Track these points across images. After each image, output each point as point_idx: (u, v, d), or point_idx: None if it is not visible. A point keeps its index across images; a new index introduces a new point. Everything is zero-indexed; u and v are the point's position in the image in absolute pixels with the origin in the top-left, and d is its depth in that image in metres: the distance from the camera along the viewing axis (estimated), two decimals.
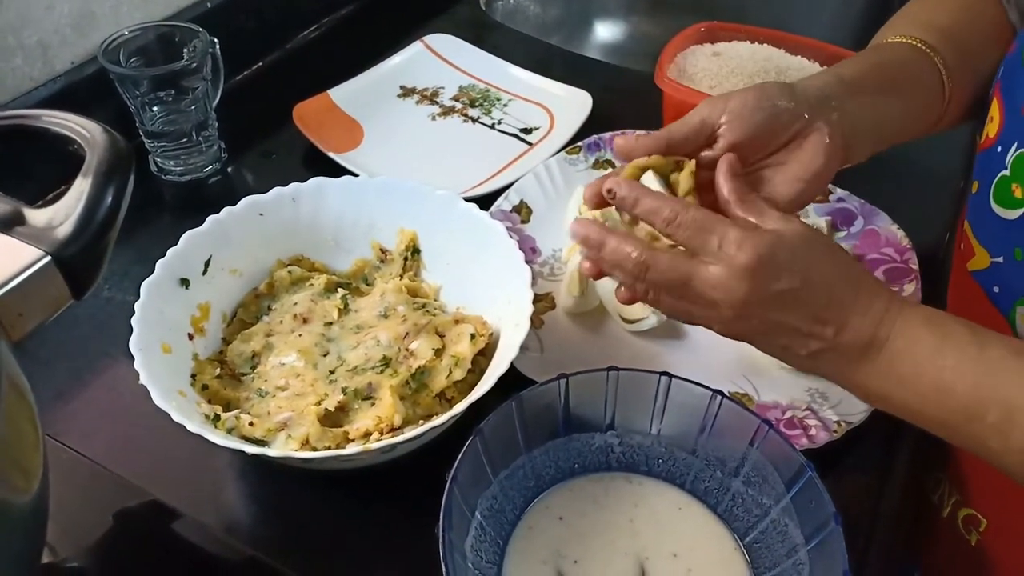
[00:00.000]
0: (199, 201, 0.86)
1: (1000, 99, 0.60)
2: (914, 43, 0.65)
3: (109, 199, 0.43)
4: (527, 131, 0.94)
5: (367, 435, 0.59)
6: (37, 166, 0.71)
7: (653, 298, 0.54)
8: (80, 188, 0.43)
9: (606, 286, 0.72)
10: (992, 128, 0.60)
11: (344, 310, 0.68)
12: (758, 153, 0.58)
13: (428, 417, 0.61)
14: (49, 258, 0.42)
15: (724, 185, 0.54)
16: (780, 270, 0.50)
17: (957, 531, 0.67)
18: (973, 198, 0.62)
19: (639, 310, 0.70)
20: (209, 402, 0.61)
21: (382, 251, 0.73)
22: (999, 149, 0.59)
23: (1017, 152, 0.56)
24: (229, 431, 0.59)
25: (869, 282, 0.52)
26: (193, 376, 0.62)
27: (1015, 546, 0.64)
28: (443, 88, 1.00)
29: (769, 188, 0.58)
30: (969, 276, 0.62)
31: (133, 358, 0.56)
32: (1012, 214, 0.57)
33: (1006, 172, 0.57)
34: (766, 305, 0.50)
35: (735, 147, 0.57)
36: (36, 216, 0.43)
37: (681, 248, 0.53)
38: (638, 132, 0.82)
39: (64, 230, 0.42)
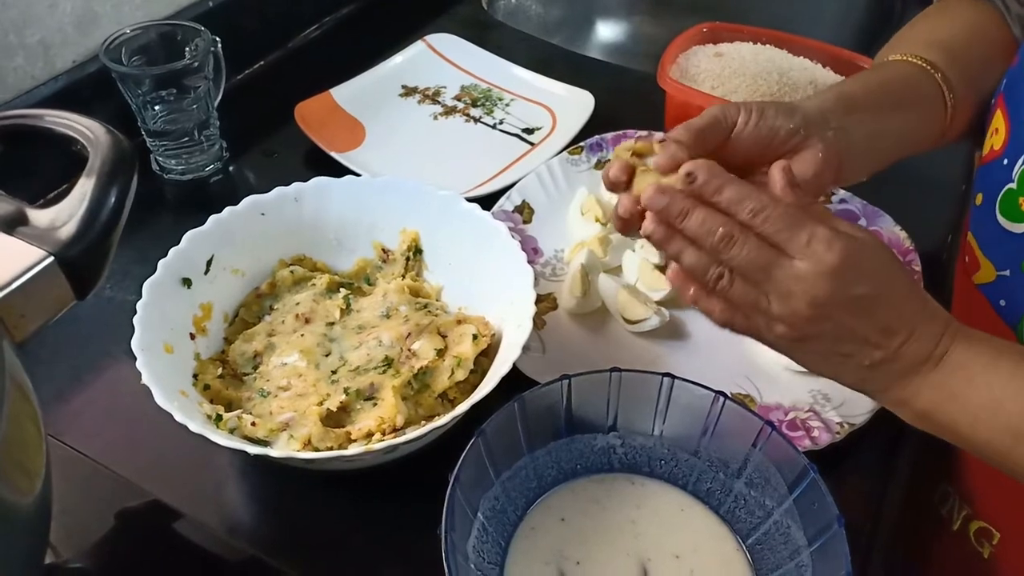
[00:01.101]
0: (201, 200, 0.86)
1: (1005, 111, 0.60)
2: (916, 61, 0.64)
3: (112, 199, 0.43)
4: (529, 131, 0.94)
5: (369, 435, 0.59)
6: (40, 166, 0.71)
7: (725, 283, 0.51)
8: (83, 188, 0.43)
9: (609, 287, 0.72)
10: (997, 140, 0.60)
11: (346, 310, 0.68)
12: (754, 162, 0.57)
13: (430, 418, 0.61)
14: (52, 259, 0.42)
15: (785, 195, 0.51)
16: (864, 275, 0.49)
17: (969, 545, 0.67)
18: (977, 211, 0.62)
19: (641, 311, 0.70)
20: (211, 402, 0.61)
21: (384, 251, 0.73)
22: (1005, 162, 0.58)
23: None
24: (231, 431, 0.59)
25: (932, 302, 0.52)
26: (195, 376, 0.62)
27: None
28: (445, 88, 1.00)
29: None
30: (975, 289, 0.62)
31: (135, 358, 0.56)
32: (1019, 227, 0.57)
33: (1012, 185, 0.57)
34: (843, 308, 0.49)
35: (734, 153, 0.56)
36: (39, 216, 0.43)
37: None
38: (651, 135, 0.82)
39: (67, 230, 0.42)
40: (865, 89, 0.63)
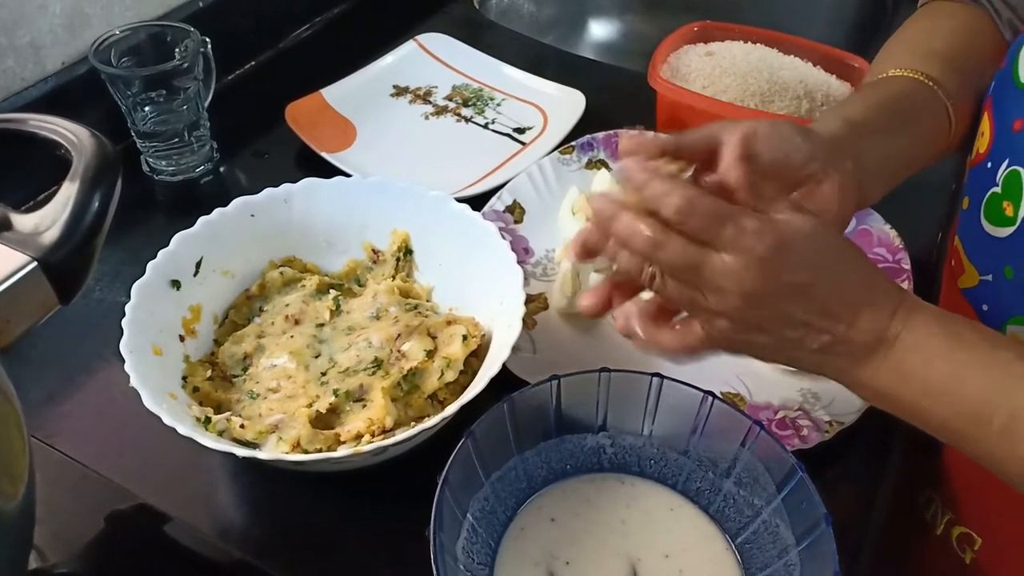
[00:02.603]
0: (191, 201, 0.86)
1: (991, 115, 0.59)
2: (917, 77, 0.64)
3: (96, 204, 0.43)
4: (520, 131, 0.94)
5: (358, 437, 0.59)
6: (24, 171, 0.70)
7: (659, 283, 0.51)
8: (67, 193, 0.43)
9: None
10: (982, 144, 0.60)
11: (336, 311, 0.67)
12: (771, 182, 0.54)
13: (420, 419, 0.61)
14: (36, 263, 0.42)
15: (733, 169, 0.51)
16: (797, 262, 0.48)
17: (951, 550, 0.67)
18: (964, 215, 0.62)
19: None
20: (200, 404, 0.61)
21: (374, 252, 0.73)
22: (989, 165, 0.58)
23: (1008, 169, 0.56)
24: (220, 433, 0.59)
25: (881, 279, 0.51)
26: (184, 378, 0.62)
27: (1010, 565, 0.63)
28: (436, 88, 1.00)
29: None
30: (959, 294, 0.62)
31: (124, 360, 0.56)
32: (1003, 232, 0.56)
33: (997, 189, 0.57)
34: (777, 296, 0.48)
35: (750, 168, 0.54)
36: (23, 221, 0.43)
37: None
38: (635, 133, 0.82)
39: (51, 235, 0.42)
40: (871, 112, 0.61)
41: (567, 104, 0.95)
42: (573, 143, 0.87)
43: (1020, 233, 0.55)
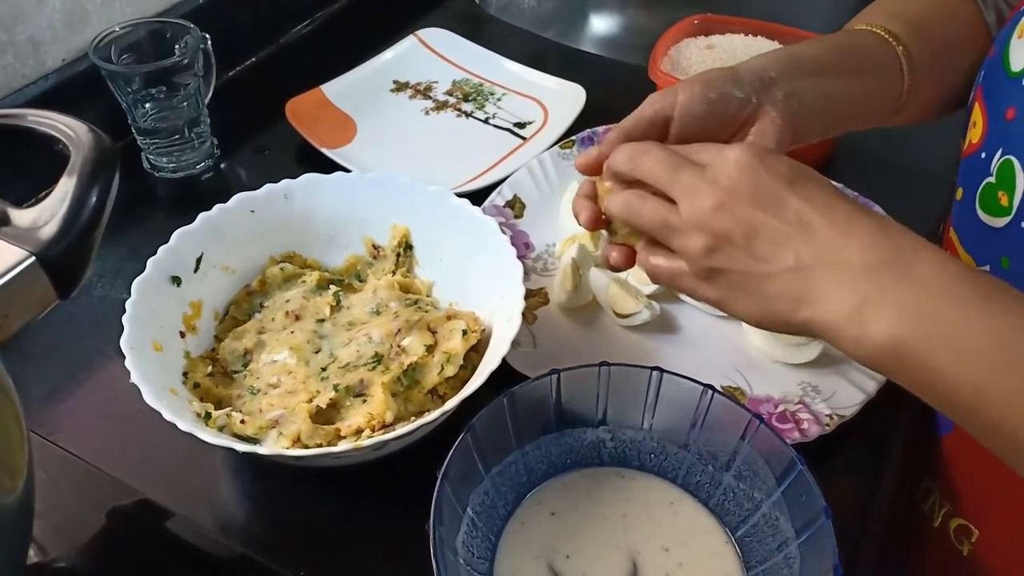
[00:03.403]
0: (192, 197, 0.86)
1: (982, 104, 0.59)
2: (877, 31, 0.64)
3: (94, 199, 0.43)
4: (521, 125, 0.94)
5: (359, 432, 0.59)
6: (22, 166, 0.70)
7: (643, 257, 0.52)
8: (65, 188, 0.43)
9: (600, 281, 0.72)
10: (975, 134, 0.60)
11: (336, 307, 0.67)
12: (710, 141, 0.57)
13: (420, 413, 0.61)
14: (34, 258, 0.42)
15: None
16: (772, 164, 0.47)
17: (949, 541, 0.66)
18: (958, 205, 0.62)
19: (632, 304, 0.70)
20: (201, 400, 0.61)
21: (375, 247, 0.73)
22: (983, 155, 0.58)
23: (1003, 158, 0.56)
24: (220, 429, 0.59)
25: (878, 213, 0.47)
26: (185, 374, 0.62)
27: (1008, 556, 0.63)
28: (436, 83, 1.00)
29: None
30: None
31: (125, 356, 0.56)
32: (999, 222, 0.56)
33: (991, 179, 0.57)
34: (752, 196, 0.46)
35: (687, 139, 0.56)
36: (21, 216, 0.43)
37: None
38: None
39: (49, 230, 0.42)
40: (817, 52, 0.62)
41: (567, 98, 0.95)
42: (574, 137, 0.87)
43: (1016, 222, 0.54)
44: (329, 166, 0.82)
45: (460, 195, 0.70)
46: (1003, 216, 0.55)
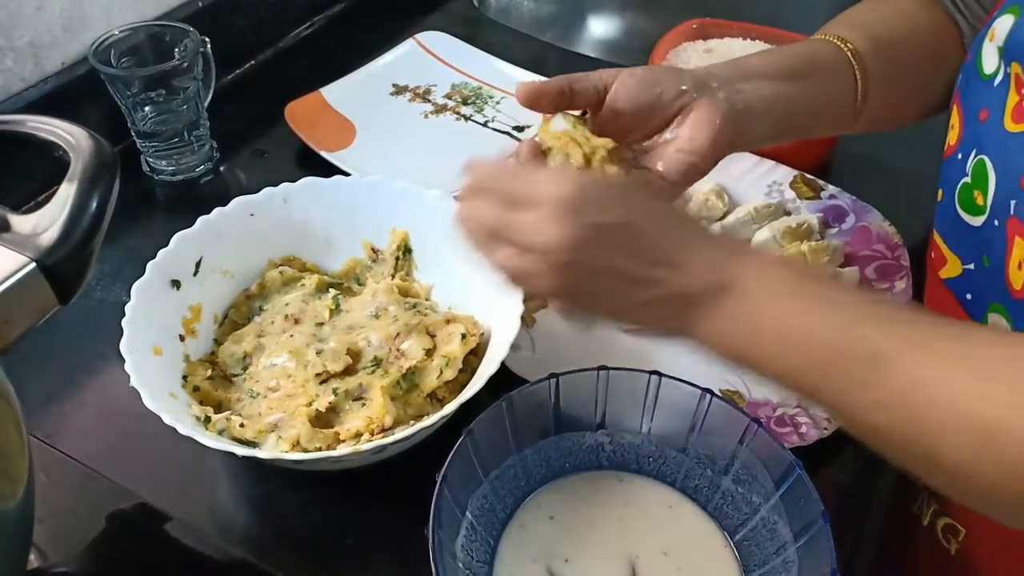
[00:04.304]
0: (191, 201, 0.86)
1: (959, 106, 0.60)
2: (833, 40, 0.65)
3: (94, 205, 0.43)
4: (519, 129, 0.94)
5: (358, 436, 0.59)
6: (22, 172, 0.71)
7: (486, 251, 0.51)
8: (65, 194, 0.43)
9: None
10: (953, 136, 0.60)
11: (335, 310, 0.68)
12: (641, 126, 0.59)
13: (419, 417, 0.61)
14: (34, 264, 0.42)
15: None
16: (595, 204, 0.46)
17: (937, 540, 0.67)
18: (940, 206, 0.62)
19: None
20: (200, 403, 0.61)
21: (374, 251, 0.73)
22: (959, 156, 0.59)
23: (976, 158, 0.56)
24: (220, 432, 0.59)
25: (705, 229, 0.50)
26: (184, 378, 0.63)
27: (993, 554, 0.64)
28: (435, 86, 1.00)
29: (658, 162, 0.57)
30: (942, 284, 0.62)
31: (124, 360, 0.56)
32: (976, 221, 0.57)
33: (967, 179, 0.57)
34: (587, 244, 0.46)
35: (618, 114, 0.58)
36: (21, 222, 0.43)
37: None
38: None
39: (49, 236, 0.42)
40: (764, 59, 0.63)
41: None
42: None
43: (990, 221, 0.55)
44: (328, 170, 0.82)
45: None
46: (979, 215, 0.56)
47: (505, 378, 0.61)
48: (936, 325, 0.44)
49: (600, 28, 1.36)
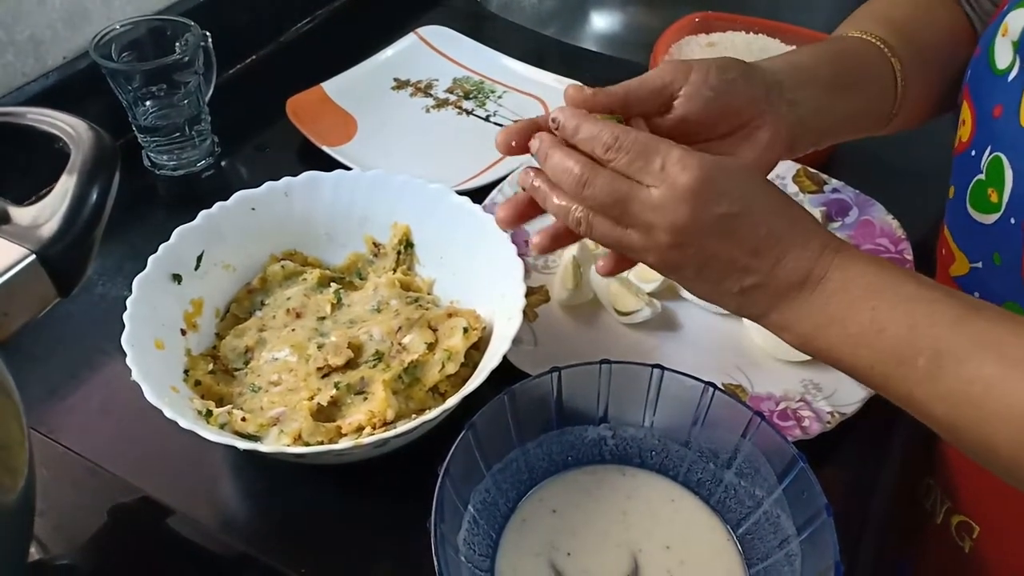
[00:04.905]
0: (193, 195, 0.86)
1: (970, 102, 0.59)
2: (872, 40, 0.64)
3: (94, 197, 0.43)
4: None
5: (360, 430, 0.59)
6: (22, 164, 0.70)
7: (587, 225, 0.50)
8: (65, 186, 0.43)
9: (600, 278, 0.72)
10: (964, 132, 0.60)
11: (337, 305, 0.67)
12: (706, 131, 0.56)
13: (421, 411, 0.61)
14: (34, 256, 0.42)
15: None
16: (722, 194, 0.47)
17: (950, 538, 0.66)
18: (951, 203, 0.62)
19: (633, 302, 0.70)
20: (202, 397, 0.61)
21: (375, 245, 0.73)
22: (973, 153, 0.58)
23: (992, 155, 0.56)
24: (222, 427, 0.59)
25: (808, 219, 0.50)
26: (186, 372, 0.63)
27: (1009, 552, 0.63)
28: (437, 80, 1.00)
29: None
30: (952, 282, 0.62)
31: (126, 354, 0.56)
32: (989, 219, 0.56)
33: (981, 176, 0.57)
34: (704, 232, 0.48)
35: (687, 122, 0.55)
36: (21, 214, 0.43)
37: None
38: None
39: (49, 228, 0.42)
40: (818, 62, 0.61)
41: None
42: None
43: (1005, 219, 0.55)
44: (330, 164, 0.82)
45: (461, 193, 0.70)
46: (993, 212, 0.56)
47: (507, 372, 0.61)
48: (1011, 322, 0.46)
49: (602, 22, 1.35)
